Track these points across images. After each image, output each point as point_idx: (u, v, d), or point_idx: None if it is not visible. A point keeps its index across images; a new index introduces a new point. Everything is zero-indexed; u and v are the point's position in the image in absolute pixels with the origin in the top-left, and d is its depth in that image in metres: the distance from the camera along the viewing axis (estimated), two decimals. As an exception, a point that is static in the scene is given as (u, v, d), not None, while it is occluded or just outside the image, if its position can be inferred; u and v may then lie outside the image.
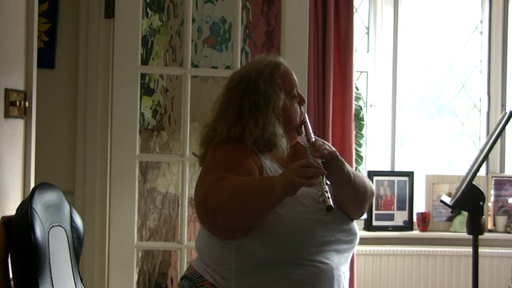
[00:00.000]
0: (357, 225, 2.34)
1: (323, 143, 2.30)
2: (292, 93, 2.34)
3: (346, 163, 2.25)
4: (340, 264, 2.23)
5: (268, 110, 2.26)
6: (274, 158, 2.27)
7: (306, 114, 2.39)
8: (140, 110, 4.25)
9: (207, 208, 2.11)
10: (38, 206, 2.48)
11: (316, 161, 2.10)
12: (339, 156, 2.21)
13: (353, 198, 2.28)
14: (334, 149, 2.27)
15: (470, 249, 3.01)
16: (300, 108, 2.37)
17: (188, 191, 3.69)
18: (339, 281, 2.22)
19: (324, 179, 2.04)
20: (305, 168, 2.03)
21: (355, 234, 2.29)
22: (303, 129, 2.35)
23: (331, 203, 1.99)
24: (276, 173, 2.21)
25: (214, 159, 2.24)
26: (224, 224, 2.11)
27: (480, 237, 2.97)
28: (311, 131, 2.33)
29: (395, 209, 4.63)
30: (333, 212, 2.12)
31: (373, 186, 2.40)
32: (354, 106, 4.33)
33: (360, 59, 4.68)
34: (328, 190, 2.02)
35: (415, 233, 4.63)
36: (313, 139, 2.29)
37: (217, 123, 2.30)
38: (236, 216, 2.08)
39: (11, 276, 2.42)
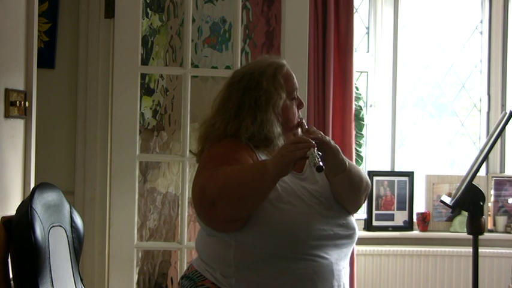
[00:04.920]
0: (356, 224, 2.35)
1: (317, 130, 2.32)
2: (292, 95, 2.37)
3: (340, 151, 2.26)
4: (340, 260, 2.24)
5: (268, 107, 2.28)
6: (270, 154, 2.29)
7: (302, 118, 2.41)
8: (140, 110, 4.25)
9: (205, 201, 2.12)
10: (38, 206, 2.48)
11: (306, 137, 2.14)
12: (332, 142, 2.23)
13: (349, 188, 2.29)
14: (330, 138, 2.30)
15: (470, 249, 3.02)
16: (298, 112, 2.39)
17: (188, 191, 3.68)
18: (339, 275, 2.22)
19: (316, 151, 2.07)
20: (294, 144, 2.08)
21: (353, 229, 2.30)
22: (299, 131, 2.37)
23: (321, 164, 2.03)
24: None
25: (210, 155, 2.26)
26: (223, 214, 2.11)
27: (480, 237, 2.97)
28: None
29: (395, 209, 4.63)
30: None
31: (368, 178, 2.41)
32: (354, 106, 4.33)
33: (360, 59, 4.68)
34: (319, 156, 2.06)
35: (415, 233, 4.62)
36: (307, 127, 2.34)
37: (216, 119, 2.32)
38: (234, 203, 2.09)
39: (11, 276, 2.43)
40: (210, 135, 2.31)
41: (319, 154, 2.07)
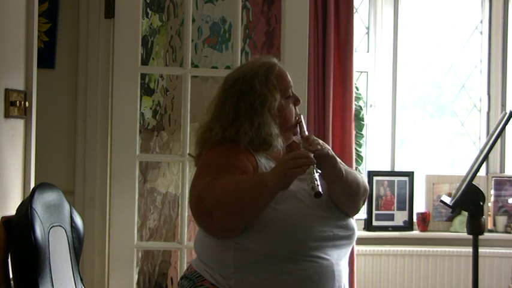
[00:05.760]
0: (356, 225, 2.36)
1: (316, 139, 2.31)
2: (287, 94, 2.36)
3: (338, 160, 2.26)
4: (340, 260, 2.25)
5: (264, 110, 2.28)
6: (270, 155, 2.29)
7: (300, 114, 2.41)
8: (140, 110, 4.25)
9: (202, 209, 2.12)
10: (38, 206, 2.48)
11: (306, 152, 2.14)
12: (330, 152, 2.23)
13: (346, 195, 2.29)
14: (329, 146, 2.29)
15: (470, 249, 3.01)
16: (295, 108, 2.38)
17: (188, 191, 3.68)
18: (339, 276, 2.23)
19: (315, 168, 2.07)
20: (295, 160, 2.07)
21: (352, 229, 2.31)
22: (298, 128, 2.37)
23: (320, 190, 2.03)
24: None
25: (208, 160, 2.25)
26: (220, 224, 2.11)
27: (480, 237, 2.97)
28: (305, 129, 2.36)
29: (395, 209, 4.63)
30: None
31: (366, 183, 2.41)
32: (354, 106, 4.33)
33: (360, 59, 4.68)
34: (318, 178, 2.05)
35: (415, 233, 4.62)
36: (307, 134, 2.32)
37: (213, 125, 2.31)
38: (231, 215, 2.09)
39: (11, 276, 2.43)
40: (208, 140, 2.31)
41: (318, 172, 2.07)
